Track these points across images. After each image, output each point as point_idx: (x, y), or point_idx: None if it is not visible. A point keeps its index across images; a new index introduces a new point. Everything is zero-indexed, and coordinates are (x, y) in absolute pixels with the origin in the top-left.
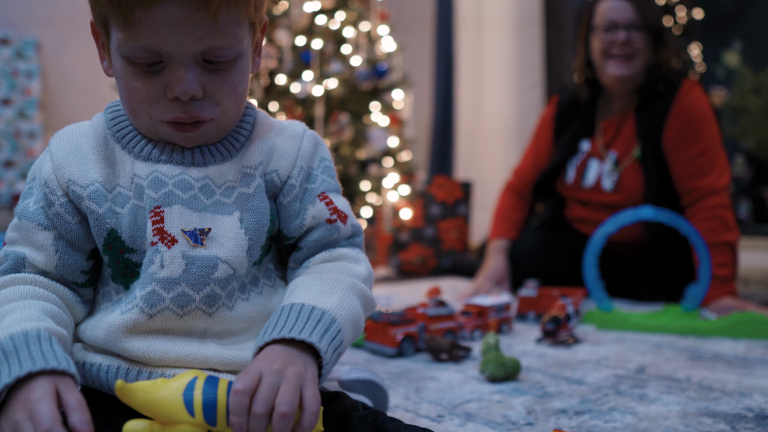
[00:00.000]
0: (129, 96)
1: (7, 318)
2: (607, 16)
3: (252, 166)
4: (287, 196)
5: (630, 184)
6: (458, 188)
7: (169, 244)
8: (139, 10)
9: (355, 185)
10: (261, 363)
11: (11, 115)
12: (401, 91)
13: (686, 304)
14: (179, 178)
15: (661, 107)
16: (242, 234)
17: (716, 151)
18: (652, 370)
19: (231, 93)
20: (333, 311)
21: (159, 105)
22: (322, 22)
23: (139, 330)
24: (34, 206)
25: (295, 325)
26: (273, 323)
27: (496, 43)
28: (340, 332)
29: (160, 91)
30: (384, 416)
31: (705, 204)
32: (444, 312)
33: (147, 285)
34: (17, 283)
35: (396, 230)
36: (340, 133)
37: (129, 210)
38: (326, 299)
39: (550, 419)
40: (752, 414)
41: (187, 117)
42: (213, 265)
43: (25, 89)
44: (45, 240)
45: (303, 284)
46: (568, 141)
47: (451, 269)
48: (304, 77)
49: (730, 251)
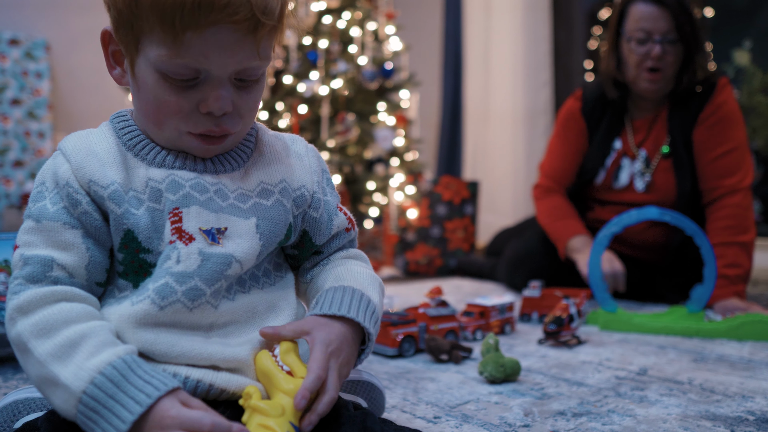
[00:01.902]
0: (159, 109)
1: (86, 345)
2: (641, 25)
3: (272, 184)
4: (318, 209)
5: (662, 184)
6: (465, 188)
7: (186, 241)
8: (191, 31)
9: (362, 185)
10: (329, 346)
11: (21, 115)
12: (408, 91)
13: (691, 305)
14: (195, 181)
15: (695, 104)
16: (257, 239)
17: (743, 151)
18: (654, 371)
19: (253, 108)
20: (378, 306)
21: (190, 119)
22: (328, 21)
23: (149, 322)
24: (54, 207)
25: (359, 310)
26: (339, 298)
27: (504, 42)
28: (378, 327)
29: (193, 106)
30: (373, 417)
31: (725, 203)
32: (445, 312)
33: (160, 278)
34: (63, 299)
35: (402, 230)
36: (346, 133)
37: (145, 212)
38: (373, 293)
39: (548, 421)
40: (753, 417)
41: (218, 131)
42: (228, 262)
43: (34, 89)
44: (74, 238)
45: (351, 273)
46: (601, 141)
47: (457, 269)
48: (310, 77)
49: (745, 252)
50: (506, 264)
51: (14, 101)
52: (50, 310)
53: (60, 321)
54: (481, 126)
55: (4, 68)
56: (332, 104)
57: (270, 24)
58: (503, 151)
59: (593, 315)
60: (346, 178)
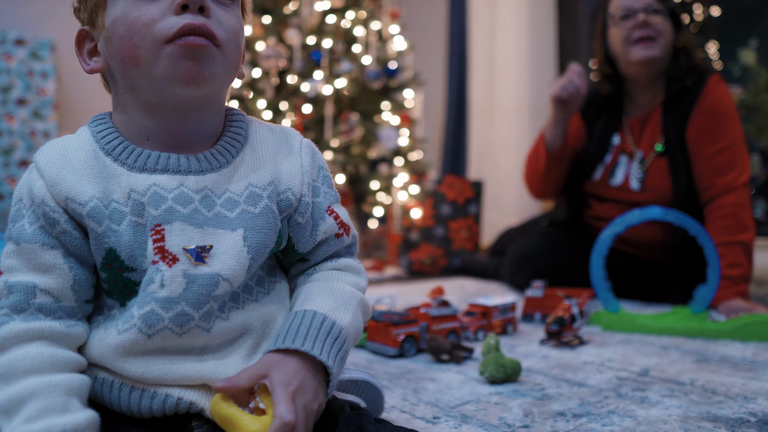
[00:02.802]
0: (132, 34)
1: (29, 407)
2: (623, 5)
3: (260, 187)
4: (304, 215)
5: (657, 183)
6: (469, 188)
7: (170, 262)
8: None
9: (365, 185)
10: (288, 387)
11: (26, 115)
12: (412, 90)
13: (695, 305)
14: (178, 191)
15: (686, 102)
16: (245, 252)
17: (738, 148)
18: (656, 372)
19: (232, 34)
20: (346, 329)
21: (165, 21)
22: (332, 21)
23: (138, 350)
24: (30, 228)
25: (317, 340)
26: (295, 328)
27: (509, 41)
28: (346, 352)
29: (166, 6)
30: (368, 417)
31: (721, 202)
32: (447, 312)
33: (145, 304)
34: (39, 338)
35: (406, 230)
36: (349, 133)
37: (127, 227)
38: (343, 315)
39: (547, 422)
40: (755, 419)
41: (198, 24)
42: (214, 282)
43: (40, 89)
44: (54, 259)
45: (321, 291)
46: (599, 137)
47: (461, 269)
48: (314, 76)
49: (744, 251)
50: (510, 264)
51: (20, 101)
52: (17, 353)
53: (20, 370)
54: (486, 125)
55: (9, 68)
56: (336, 104)
57: None
58: (508, 150)
59: (596, 315)
60: (349, 177)
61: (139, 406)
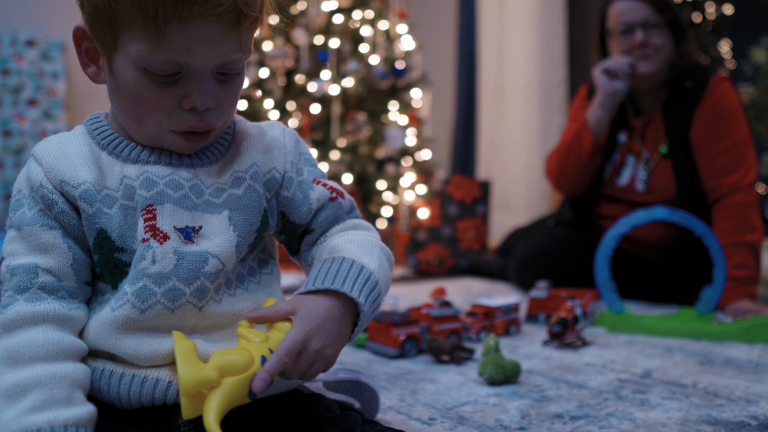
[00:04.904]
0: (140, 106)
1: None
2: (621, 18)
3: (242, 170)
4: (289, 188)
5: (662, 184)
6: (476, 187)
7: (161, 240)
8: (174, 25)
9: (372, 184)
10: (307, 325)
11: (37, 116)
12: (420, 90)
13: (701, 306)
14: (170, 178)
15: (689, 103)
16: (231, 231)
17: (744, 147)
18: (658, 374)
19: (233, 102)
20: (376, 273)
21: (173, 116)
22: (339, 20)
23: (131, 326)
24: (30, 212)
25: (347, 280)
26: (325, 270)
27: (519, 41)
28: (379, 294)
29: (175, 102)
30: (356, 418)
31: (728, 202)
32: (448, 313)
33: (138, 281)
34: (45, 321)
35: (413, 230)
36: (357, 132)
37: (118, 210)
38: (369, 260)
39: (544, 424)
40: (756, 422)
41: (202, 126)
42: (203, 259)
43: (50, 90)
44: (54, 239)
45: (345, 242)
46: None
47: (468, 269)
48: (321, 76)
49: (752, 252)
50: (516, 264)
51: (30, 102)
52: (25, 338)
53: (27, 356)
54: (495, 124)
55: (20, 69)
56: (343, 103)
57: (252, 15)
58: (517, 150)
59: (601, 316)
60: (356, 177)
61: (128, 393)
